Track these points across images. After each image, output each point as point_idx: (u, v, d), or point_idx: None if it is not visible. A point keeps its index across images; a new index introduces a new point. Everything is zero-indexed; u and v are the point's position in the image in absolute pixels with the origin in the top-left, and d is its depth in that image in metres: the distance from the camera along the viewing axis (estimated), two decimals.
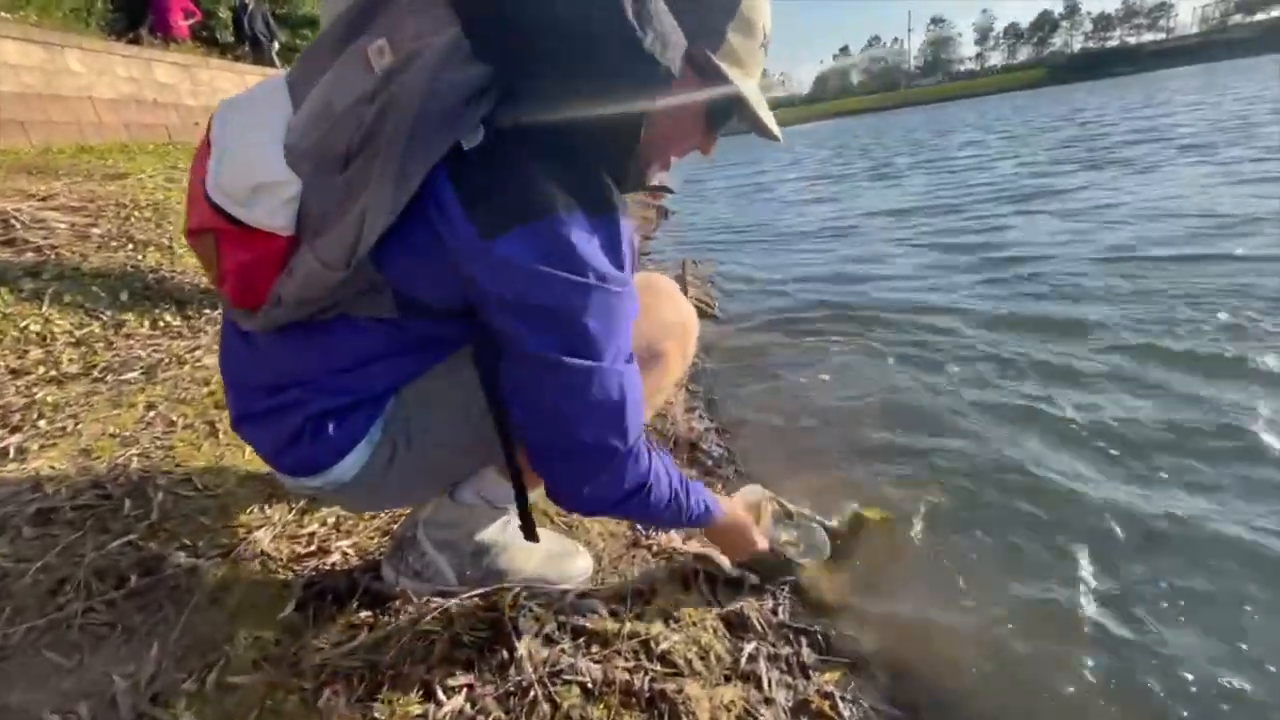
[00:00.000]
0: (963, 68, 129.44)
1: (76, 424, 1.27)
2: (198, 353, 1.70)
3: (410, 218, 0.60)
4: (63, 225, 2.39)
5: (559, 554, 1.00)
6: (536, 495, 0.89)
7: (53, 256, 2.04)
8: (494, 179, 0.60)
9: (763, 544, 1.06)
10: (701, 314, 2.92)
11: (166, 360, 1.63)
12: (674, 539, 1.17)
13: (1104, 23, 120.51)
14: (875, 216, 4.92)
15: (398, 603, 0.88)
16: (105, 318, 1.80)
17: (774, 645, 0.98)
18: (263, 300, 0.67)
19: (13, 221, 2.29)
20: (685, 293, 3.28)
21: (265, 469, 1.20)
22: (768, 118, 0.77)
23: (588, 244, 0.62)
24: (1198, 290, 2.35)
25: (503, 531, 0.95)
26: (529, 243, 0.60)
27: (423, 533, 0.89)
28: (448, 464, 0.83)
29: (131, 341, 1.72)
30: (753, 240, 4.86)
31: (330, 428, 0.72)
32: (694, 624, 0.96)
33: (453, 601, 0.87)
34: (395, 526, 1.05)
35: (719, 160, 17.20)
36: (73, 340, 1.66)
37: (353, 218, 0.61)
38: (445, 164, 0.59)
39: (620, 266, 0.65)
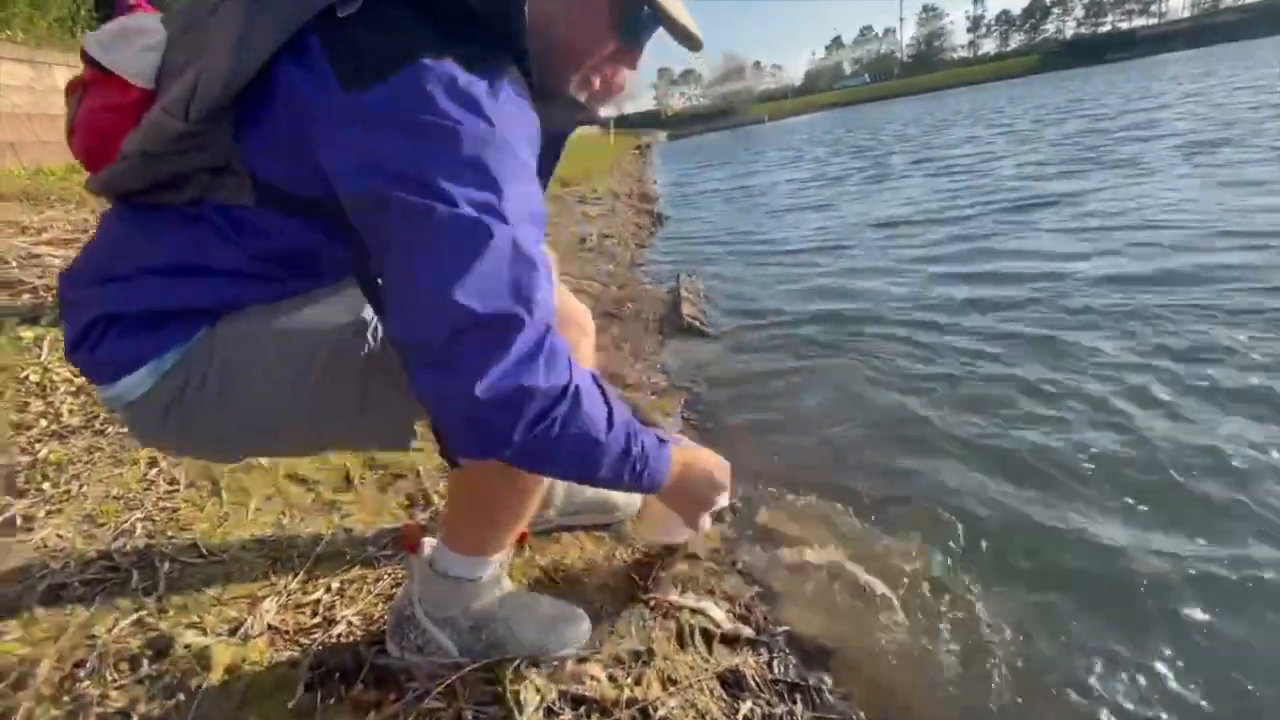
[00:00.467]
0: (956, 55, 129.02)
1: (80, 486, 1.29)
2: None
3: (274, 92, 0.60)
4: (58, 261, 2.40)
5: (557, 618, 1.02)
6: (505, 555, 0.91)
7: (49, 299, 2.05)
8: (362, 36, 0.59)
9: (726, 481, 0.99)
10: (693, 333, 2.95)
11: None
12: (671, 594, 1.19)
13: (1095, 8, 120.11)
14: (872, 227, 4.89)
15: (403, 678, 0.90)
16: None
17: (769, 704, 1.01)
18: (111, 159, 0.66)
19: (9, 260, 2.30)
20: (680, 309, 3.27)
21: (270, 528, 1.23)
22: (683, 15, 0.71)
23: (466, 88, 0.58)
24: (1207, 307, 2.35)
25: (498, 599, 0.97)
26: (395, 90, 0.57)
27: (420, 610, 0.91)
28: (253, 429, 0.74)
29: None
30: (747, 252, 4.84)
31: (112, 337, 0.66)
32: (690, 685, 0.99)
33: (455, 677, 0.89)
34: (396, 592, 1.07)
35: (712, 160, 17.15)
36: (73, 389, 1.67)
37: (200, 63, 0.61)
38: (317, 32, 0.59)
39: (500, 114, 0.59)
